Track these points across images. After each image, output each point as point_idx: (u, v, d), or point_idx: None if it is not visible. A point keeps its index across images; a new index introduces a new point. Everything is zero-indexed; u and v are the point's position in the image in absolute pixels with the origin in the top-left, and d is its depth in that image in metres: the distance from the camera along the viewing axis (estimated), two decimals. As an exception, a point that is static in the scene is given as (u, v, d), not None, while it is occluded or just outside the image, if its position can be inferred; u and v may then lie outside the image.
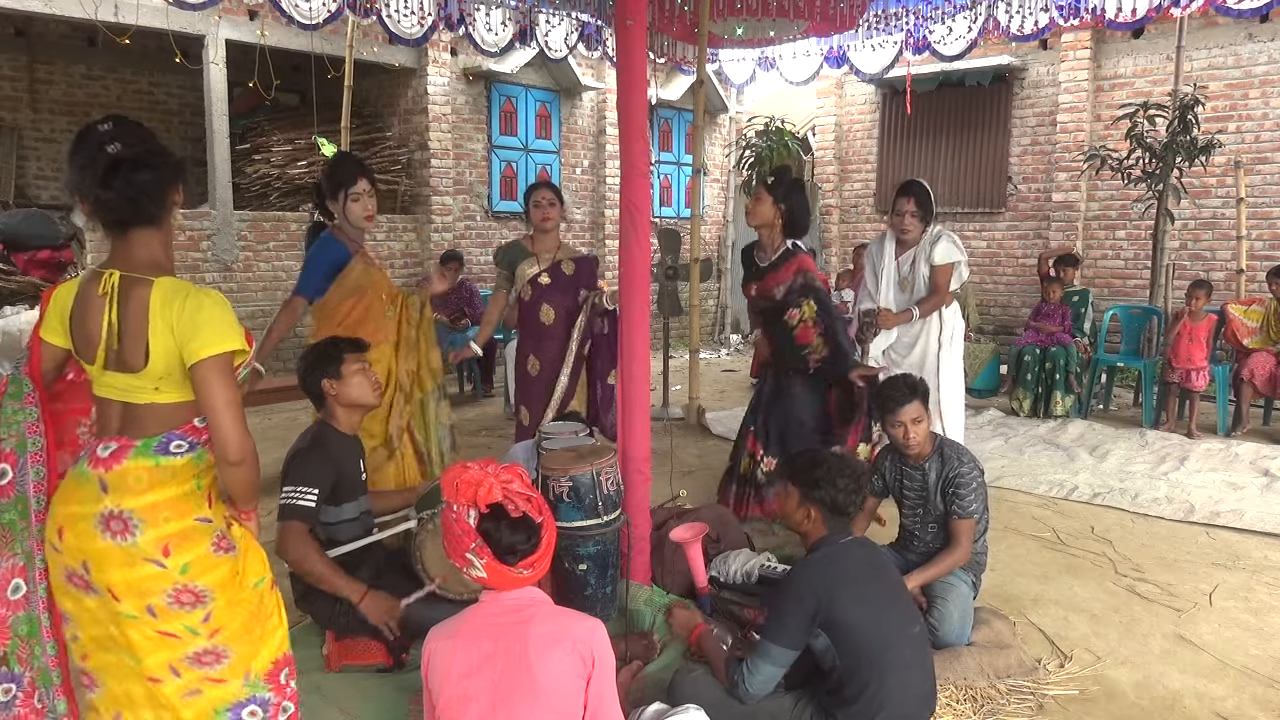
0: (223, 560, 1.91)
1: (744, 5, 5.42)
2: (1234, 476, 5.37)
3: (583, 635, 1.99)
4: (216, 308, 1.84)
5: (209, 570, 1.88)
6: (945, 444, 3.26)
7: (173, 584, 1.84)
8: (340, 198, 3.55)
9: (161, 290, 1.82)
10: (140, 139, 1.86)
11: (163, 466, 1.85)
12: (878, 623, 2.36)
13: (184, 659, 1.89)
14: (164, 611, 1.85)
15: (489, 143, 9.43)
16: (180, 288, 1.84)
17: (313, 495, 2.75)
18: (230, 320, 1.85)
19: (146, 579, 1.83)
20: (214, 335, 1.80)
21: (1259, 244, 8.04)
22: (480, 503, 2.00)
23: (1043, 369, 7.02)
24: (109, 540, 1.82)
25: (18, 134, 8.49)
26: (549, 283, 4.17)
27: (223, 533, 1.93)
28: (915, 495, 3.29)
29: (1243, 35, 8.03)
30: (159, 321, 1.80)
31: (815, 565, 2.43)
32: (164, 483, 1.84)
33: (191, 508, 1.88)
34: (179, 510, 1.86)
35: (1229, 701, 2.88)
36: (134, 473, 1.83)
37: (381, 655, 2.94)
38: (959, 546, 3.14)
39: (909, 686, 2.37)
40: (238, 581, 1.95)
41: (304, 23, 5.25)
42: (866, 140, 10.66)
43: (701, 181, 6.81)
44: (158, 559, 1.83)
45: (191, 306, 1.80)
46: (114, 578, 1.84)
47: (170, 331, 1.80)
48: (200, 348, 1.79)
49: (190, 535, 1.86)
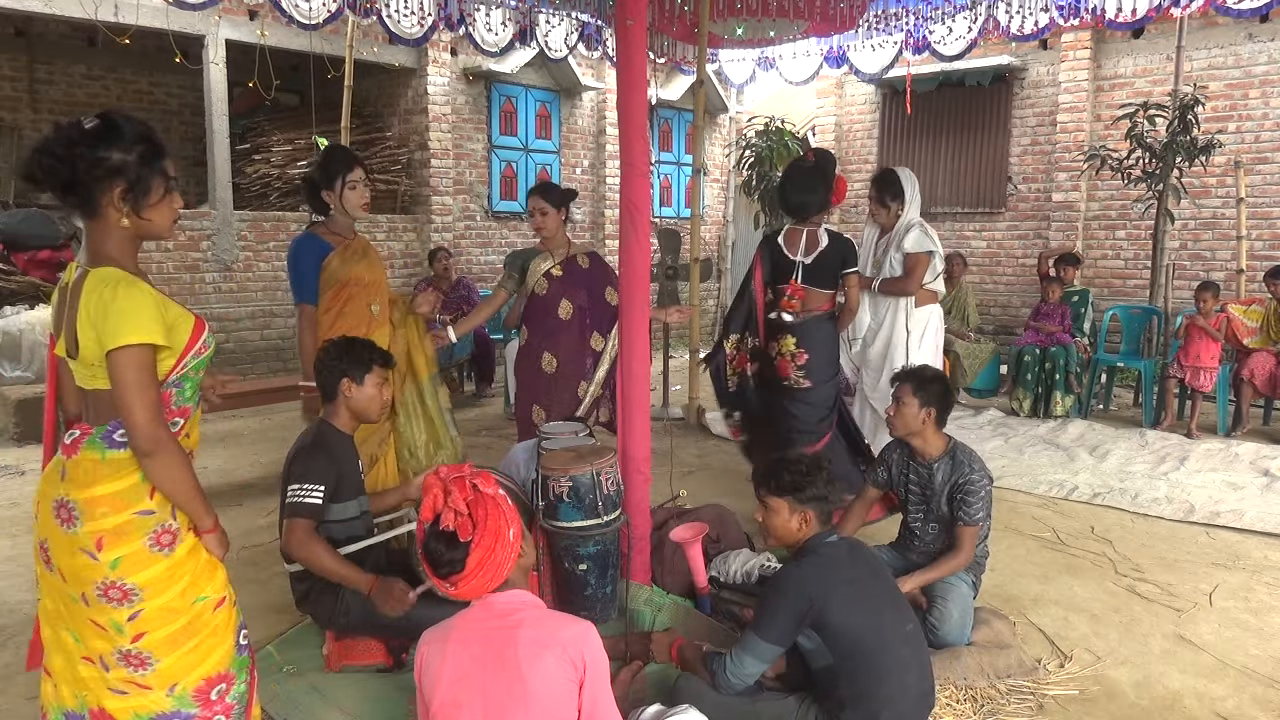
0: (157, 558, 1.92)
1: (744, 5, 5.42)
2: (1234, 476, 5.37)
3: (572, 640, 1.96)
4: (130, 300, 1.82)
5: (141, 568, 1.90)
6: (959, 448, 3.23)
7: (102, 577, 1.88)
8: (338, 186, 3.52)
9: (91, 280, 1.85)
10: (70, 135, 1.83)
11: (107, 460, 1.90)
12: (873, 625, 2.35)
13: (113, 654, 1.92)
14: (94, 602, 1.90)
15: (489, 143, 9.43)
16: (106, 278, 1.84)
17: (319, 492, 2.75)
18: (145, 313, 1.83)
19: (82, 568, 1.89)
20: (122, 327, 1.81)
21: (1259, 244, 8.04)
22: (425, 510, 2.00)
23: (1043, 369, 7.02)
24: (58, 525, 1.91)
25: (18, 134, 8.48)
26: (563, 275, 4.11)
27: (166, 526, 1.93)
28: (920, 493, 3.28)
29: (1243, 35, 8.03)
30: (83, 311, 1.84)
31: (808, 566, 2.41)
32: (105, 477, 1.89)
33: (130, 500, 1.90)
34: (116, 504, 1.89)
35: (1229, 701, 2.88)
36: (84, 464, 1.90)
37: (381, 655, 2.94)
38: (961, 552, 3.14)
39: (908, 686, 2.37)
40: (174, 587, 1.94)
41: (304, 23, 5.25)
42: (866, 140, 10.66)
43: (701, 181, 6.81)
44: (91, 550, 1.88)
45: (108, 297, 1.82)
46: (61, 561, 1.92)
47: (90, 322, 1.83)
48: (109, 338, 1.81)
49: (124, 531, 1.89)
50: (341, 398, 2.92)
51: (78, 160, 1.82)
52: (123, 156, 1.85)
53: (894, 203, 4.53)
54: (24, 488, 5.15)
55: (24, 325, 6.66)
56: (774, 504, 2.51)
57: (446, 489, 2.00)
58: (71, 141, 1.82)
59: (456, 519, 1.97)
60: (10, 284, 7.39)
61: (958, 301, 7.96)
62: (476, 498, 2.01)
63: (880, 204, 4.56)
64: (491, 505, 2.01)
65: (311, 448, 2.86)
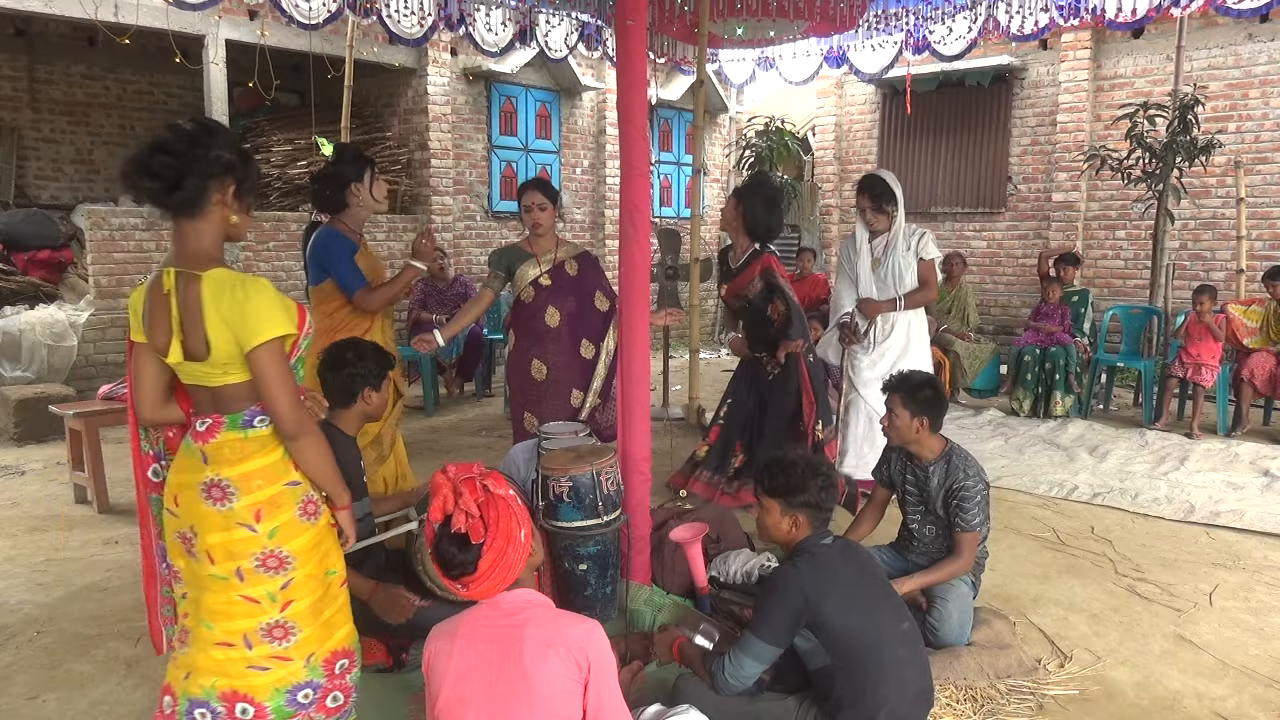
0: (306, 527, 2.07)
1: (744, 5, 5.42)
2: (1234, 476, 5.37)
3: (577, 639, 1.96)
4: (262, 296, 1.95)
5: (294, 535, 2.04)
6: (955, 452, 3.21)
7: (261, 548, 2.00)
8: (367, 177, 3.62)
9: (211, 283, 1.94)
10: (190, 134, 1.93)
11: (250, 438, 2.02)
12: (869, 624, 2.35)
13: (259, 630, 2.03)
14: (250, 574, 2.00)
15: (489, 143, 9.43)
16: (227, 280, 1.95)
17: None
18: (276, 307, 1.96)
19: (239, 542, 1.99)
20: (261, 324, 1.93)
21: (1259, 244, 8.05)
22: (434, 511, 1.99)
23: (1043, 369, 7.02)
24: (210, 506, 2.00)
25: (18, 134, 8.49)
26: (551, 284, 4.07)
27: (310, 496, 2.09)
28: (917, 494, 3.29)
29: (1243, 35, 8.03)
30: (213, 314, 1.93)
31: (803, 568, 2.42)
32: (254, 452, 2.02)
33: (280, 472, 2.04)
34: (269, 476, 2.02)
35: (1229, 701, 2.88)
36: (228, 444, 2.01)
37: (381, 655, 2.94)
38: (960, 558, 3.13)
39: (906, 683, 2.37)
40: (317, 556, 2.09)
41: (304, 23, 5.25)
42: (866, 140, 10.66)
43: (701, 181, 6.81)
44: (250, 523, 2.00)
45: (240, 298, 1.93)
46: (213, 540, 2.00)
47: (224, 323, 1.93)
48: (250, 337, 1.92)
49: (279, 501, 2.03)
50: (360, 404, 2.91)
51: (198, 157, 1.91)
52: (233, 156, 1.97)
53: (889, 207, 4.58)
54: (24, 488, 5.15)
55: (24, 325, 6.66)
56: (767, 504, 2.53)
57: (457, 490, 1.99)
58: (193, 139, 1.91)
59: (468, 521, 1.96)
60: (10, 284, 7.40)
61: (958, 301, 7.96)
62: (488, 499, 2.00)
63: (879, 211, 4.59)
64: (503, 507, 2.01)
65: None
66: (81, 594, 3.65)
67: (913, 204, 10.28)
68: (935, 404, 3.18)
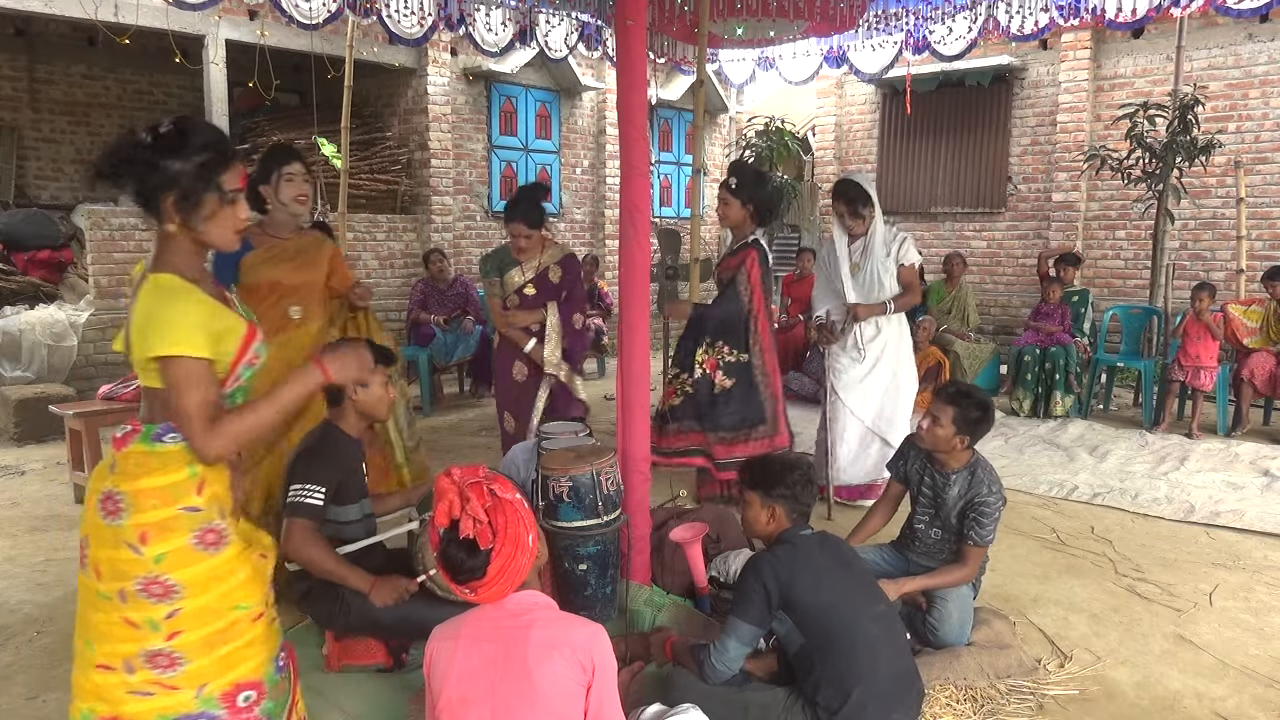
0: (202, 556, 1.89)
1: (744, 5, 5.41)
2: (1234, 476, 5.37)
3: (582, 642, 1.96)
4: (175, 309, 1.83)
5: (184, 564, 1.87)
6: (980, 465, 3.18)
7: (145, 571, 1.85)
8: (274, 178, 3.37)
9: (149, 285, 1.87)
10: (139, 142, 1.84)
11: (156, 452, 1.89)
12: (837, 603, 2.45)
13: (140, 655, 1.87)
14: (133, 598, 1.86)
15: (489, 143, 9.43)
16: (159, 285, 1.86)
17: (320, 493, 2.75)
18: (186, 322, 1.83)
19: (124, 562, 1.85)
20: (162, 338, 1.81)
21: (1259, 244, 8.04)
22: (440, 515, 1.97)
23: (1043, 369, 7.02)
24: (102, 519, 1.87)
25: (18, 134, 8.49)
26: (535, 294, 4.28)
27: (211, 525, 1.91)
28: (931, 497, 3.25)
29: (1243, 35, 8.03)
30: (136, 314, 1.87)
31: (779, 551, 2.56)
32: (154, 469, 1.88)
33: (177, 495, 1.88)
34: (165, 497, 1.87)
35: (1229, 701, 2.88)
36: (133, 457, 1.89)
37: (381, 655, 2.94)
38: (965, 568, 3.12)
39: (879, 660, 2.42)
40: (218, 589, 1.91)
41: (304, 23, 5.24)
42: (866, 140, 10.66)
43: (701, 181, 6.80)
44: (135, 544, 1.85)
45: (154, 305, 1.84)
46: (101, 555, 1.88)
47: (136, 327, 1.86)
48: (145, 347, 1.83)
49: (171, 525, 1.87)
50: (350, 401, 2.91)
51: (136, 167, 1.84)
52: (181, 166, 1.84)
53: (866, 210, 4.58)
54: (24, 488, 5.15)
55: (24, 325, 6.66)
56: (748, 497, 2.67)
57: (463, 494, 1.97)
58: (134, 147, 1.84)
59: (476, 526, 1.95)
60: (10, 284, 7.41)
61: (958, 301, 7.97)
62: (495, 503, 1.99)
63: (856, 215, 4.59)
64: (510, 511, 1.99)
65: (316, 449, 2.86)
66: (81, 594, 3.65)
67: (912, 204, 10.30)
68: (982, 425, 3.12)
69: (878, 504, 3.53)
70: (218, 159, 1.88)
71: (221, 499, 1.94)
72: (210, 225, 1.91)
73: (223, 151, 1.90)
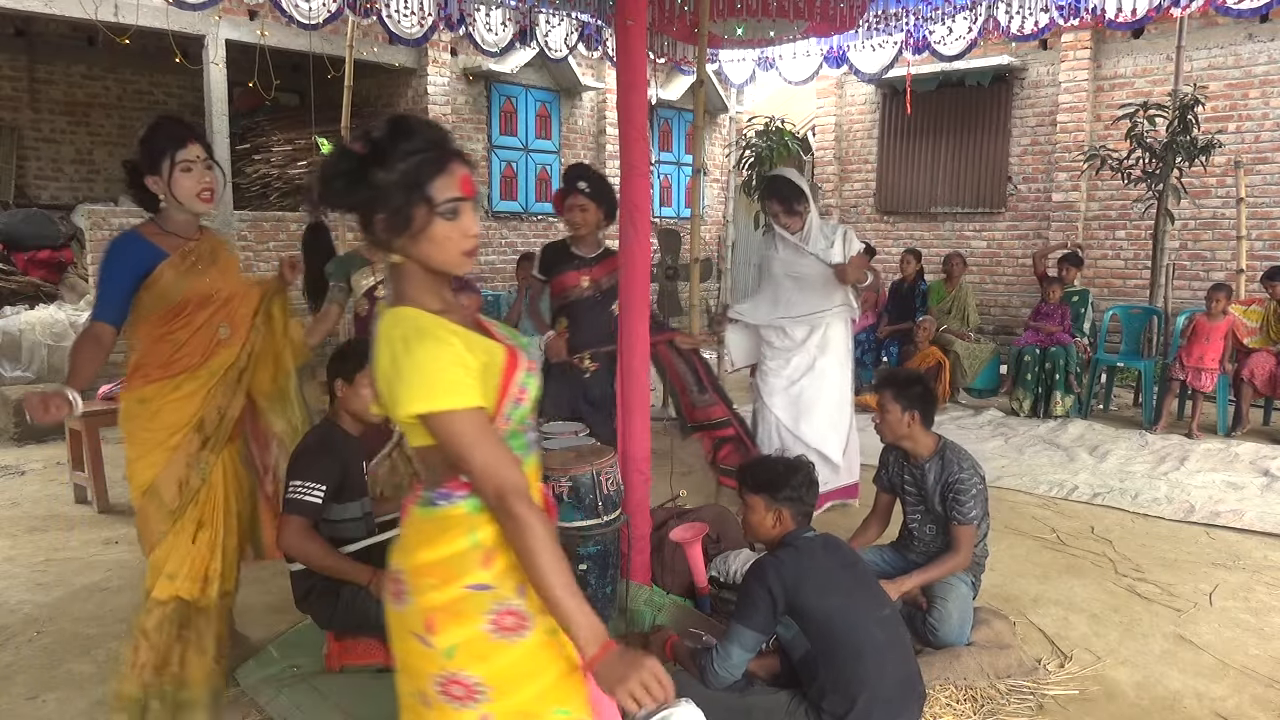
0: (502, 647, 1.51)
1: (744, 5, 5.41)
2: (1234, 476, 5.37)
3: None
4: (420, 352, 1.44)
5: (482, 657, 1.50)
6: (948, 447, 3.25)
7: (439, 669, 1.50)
8: (165, 168, 2.61)
9: (384, 324, 1.50)
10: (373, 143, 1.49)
11: (434, 517, 1.53)
12: (843, 607, 2.42)
13: None
14: (435, 703, 1.51)
15: (489, 143, 9.43)
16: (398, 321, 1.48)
17: (319, 491, 2.75)
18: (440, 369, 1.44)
19: (415, 656, 1.53)
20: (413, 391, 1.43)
21: (1259, 244, 8.04)
22: None
23: (1043, 369, 7.02)
24: (391, 602, 1.57)
25: (18, 134, 8.49)
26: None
27: (509, 607, 1.52)
28: (916, 493, 3.30)
29: (1243, 35, 8.03)
30: (378, 363, 1.49)
31: (783, 556, 2.52)
32: (432, 538, 1.52)
33: (462, 570, 1.50)
34: (446, 574, 1.50)
35: (1229, 701, 2.88)
36: (412, 524, 1.56)
37: (381, 655, 2.93)
38: (959, 552, 3.14)
39: (885, 665, 2.41)
40: (529, 687, 1.53)
41: (304, 23, 5.24)
42: (866, 140, 10.66)
43: (701, 181, 6.80)
44: (422, 634, 1.51)
45: (399, 350, 1.45)
46: (397, 648, 1.57)
47: (383, 376, 1.47)
48: (400, 403, 1.45)
49: (459, 609, 1.50)
50: (337, 399, 2.93)
51: (335, 191, 1.49)
52: (385, 176, 1.45)
53: (801, 206, 4.48)
54: (24, 488, 5.15)
55: (24, 325, 6.66)
56: (751, 501, 2.62)
57: None
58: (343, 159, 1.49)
59: None
60: (10, 284, 7.41)
61: (958, 301, 7.96)
62: None
63: (791, 213, 4.47)
64: None
65: (316, 447, 2.87)
66: (81, 594, 3.65)
67: (912, 204, 10.31)
68: (925, 399, 3.22)
69: (869, 518, 3.55)
70: (426, 163, 1.47)
71: (516, 571, 1.52)
72: (427, 247, 1.49)
73: (434, 154, 1.48)
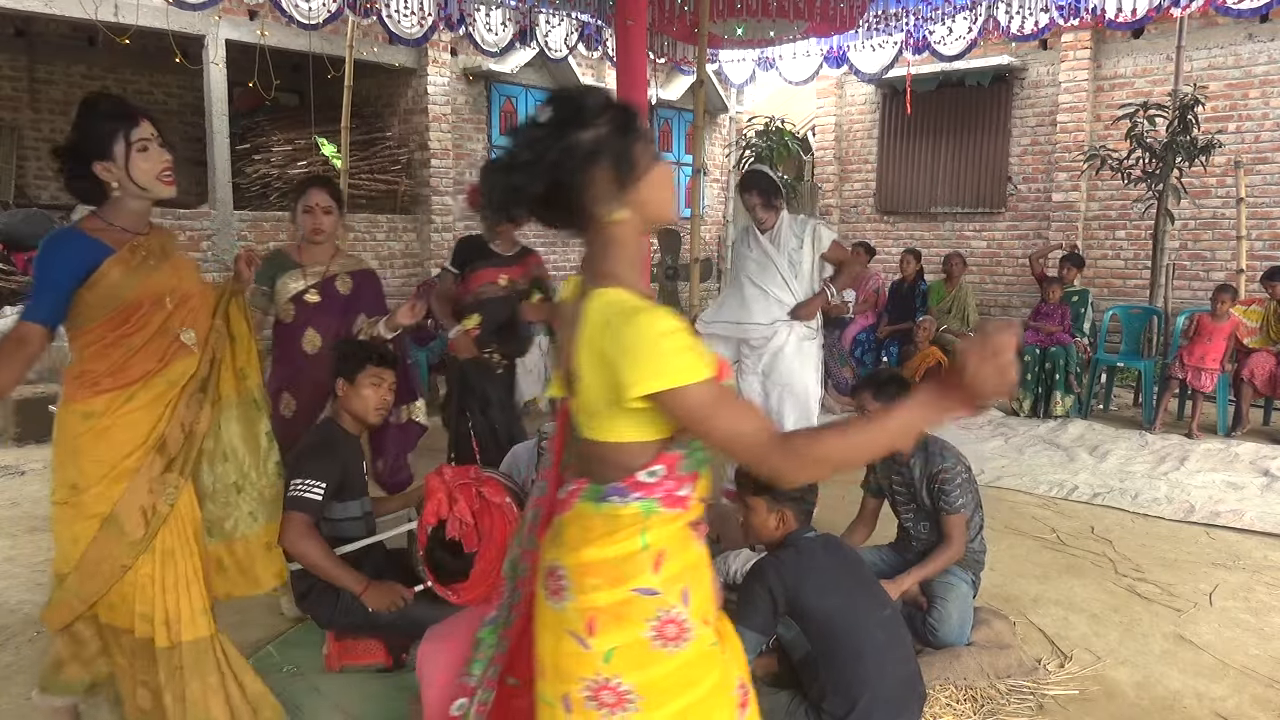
0: (661, 656, 1.45)
1: (744, 5, 5.42)
2: (1234, 476, 5.37)
3: None
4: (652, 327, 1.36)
5: (640, 665, 1.45)
6: (930, 441, 3.25)
7: (594, 673, 1.44)
8: (119, 150, 2.21)
9: (594, 306, 1.42)
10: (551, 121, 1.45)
11: (604, 514, 1.48)
12: (844, 607, 2.42)
13: None
14: (579, 708, 1.46)
15: (489, 143, 9.43)
16: (621, 308, 1.39)
17: (319, 489, 2.75)
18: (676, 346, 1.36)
19: (569, 657, 1.47)
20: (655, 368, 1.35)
21: (1259, 244, 8.04)
22: (428, 513, 1.97)
23: (1043, 369, 7.02)
24: (545, 599, 1.52)
25: (18, 134, 8.49)
26: (319, 300, 3.38)
27: (672, 615, 1.46)
28: (905, 491, 3.30)
29: (1243, 35, 8.03)
30: (586, 344, 1.42)
31: (784, 557, 2.51)
32: (600, 536, 1.46)
33: (631, 572, 1.45)
34: (613, 575, 1.45)
35: (1229, 701, 2.88)
36: (577, 520, 1.50)
37: (381, 655, 2.94)
38: (952, 543, 3.15)
39: (885, 666, 2.41)
40: (680, 699, 1.47)
41: (304, 23, 5.25)
42: (866, 140, 10.66)
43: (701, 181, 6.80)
44: (581, 635, 1.45)
45: (623, 330, 1.37)
46: (544, 646, 1.52)
47: (600, 359, 1.40)
48: (634, 383, 1.36)
49: (623, 613, 1.45)
50: (338, 398, 2.93)
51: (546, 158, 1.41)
52: (595, 131, 1.42)
53: (777, 201, 4.42)
54: (24, 488, 5.15)
55: (24, 325, 6.65)
56: (753, 503, 2.59)
57: (451, 495, 1.97)
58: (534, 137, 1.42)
59: (462, 529, 1.94)
60: (10, 284, 7.40)
61: (958, 301, 7.96)
62: (483, 506, 1.98)
63: (769, 207, 4.38)
64: (498, 515, 1.98)
65: (316, 445, 2.87)
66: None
67: (912, 204, 10.31)
68: (886, 384, 3.21)
69: (856, 522, 3.55)
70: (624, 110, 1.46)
71: (682, 578, 1.49)
72: (648, 192, 1.47)
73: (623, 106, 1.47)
